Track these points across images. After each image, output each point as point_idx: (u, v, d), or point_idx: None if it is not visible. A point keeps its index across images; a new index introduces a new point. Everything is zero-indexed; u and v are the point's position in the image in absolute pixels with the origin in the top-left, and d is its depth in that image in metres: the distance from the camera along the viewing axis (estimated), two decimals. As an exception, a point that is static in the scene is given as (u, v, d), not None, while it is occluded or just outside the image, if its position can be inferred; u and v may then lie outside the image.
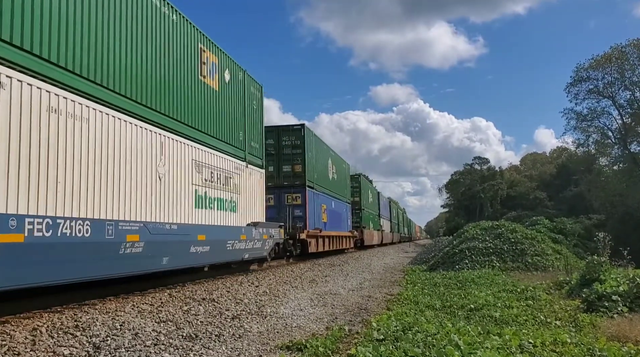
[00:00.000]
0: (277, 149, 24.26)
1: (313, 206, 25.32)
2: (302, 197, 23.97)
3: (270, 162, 23.51)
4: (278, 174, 24.05)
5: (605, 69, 53.70)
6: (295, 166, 24.33)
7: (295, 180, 24.17)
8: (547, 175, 78.33)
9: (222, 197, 14.16)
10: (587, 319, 10.31)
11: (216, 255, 13.33)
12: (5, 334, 6.28)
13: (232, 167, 15.10)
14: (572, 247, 34.27)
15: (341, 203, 33.81)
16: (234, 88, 15.72)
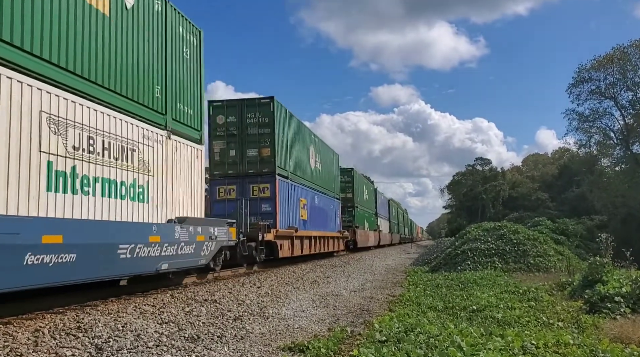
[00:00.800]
0: (240, 129, 19.78)
1: (286, 200, 21.07)
2: (272, 188, 19.50)
3: (232, 144, 19.70)
4: (241, 160, 19.61)
5: (607, 69, 53.64)
6: (262, 150, 19.71)
7: (263, 167, 19.68)
8: (549, 176, 78.23)
9: (116, 178, 9.53)
10: (590, 321, 10.29)
11: (93, 268, 8.42)
12: (7, 335, 6.28)
13: (136, 134, 10.39)
14: (574, 248, 34.23)
15: (327, 199, 29.10)
16: (144, 20, 10.88)
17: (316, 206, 26.08)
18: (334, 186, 31.66)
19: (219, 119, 19.94)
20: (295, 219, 22.05)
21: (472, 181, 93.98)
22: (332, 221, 30.28)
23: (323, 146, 29.24)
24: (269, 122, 19.85)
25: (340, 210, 33.01)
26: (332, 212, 30.13)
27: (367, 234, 42.63)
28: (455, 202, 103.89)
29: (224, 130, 19.89)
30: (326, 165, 29.33)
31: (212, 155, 19.69)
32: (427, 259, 32.08)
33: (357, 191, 40.10)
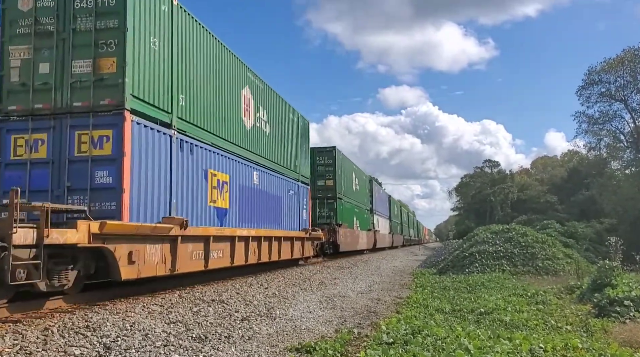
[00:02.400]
0: None
1: (161, 166, 10.74)
2: (116, 138, 9.61)
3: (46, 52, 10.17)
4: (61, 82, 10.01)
5: (618, 72, 53.32)
6: (102, 62, 9.86)
7: (102, 95, 9.83)
8: (558, 178, 77.73)
9: None
10: (599, 324, 10.24)
11: None
12: (17, 334, 6.33)
13: None
14: (583, 252, 33.99)
15: (284, 181, 19.23)
16: None
17: (256, 189, 16.09)
18: (298, 164, 21.21)
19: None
20: (194, 206, 12.10)
21: (480, 183, 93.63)
22: (292, 215, 19.97)
23: (276, 99, 18.68)
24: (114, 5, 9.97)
25: (309, 200, 22.90)
26: (292, 202, 19.98)
27: (356, 234, 33.28)
28: (463, 205, 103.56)
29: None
30: (282, 130, 19.30)
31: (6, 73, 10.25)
32: (434, 261, 32.00)
33: (341, 178, 30.00)
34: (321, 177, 28.32)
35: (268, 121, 17.72)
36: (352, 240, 31.37)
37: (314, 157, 27.22)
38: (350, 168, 34.00)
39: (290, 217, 19.63)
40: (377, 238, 41.88)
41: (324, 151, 28.99)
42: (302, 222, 21.34)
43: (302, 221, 21.21)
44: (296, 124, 21.49)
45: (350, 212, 32.60)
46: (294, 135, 21.09)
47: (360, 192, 37.30)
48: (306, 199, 22.31)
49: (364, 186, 40.14)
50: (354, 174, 35.68)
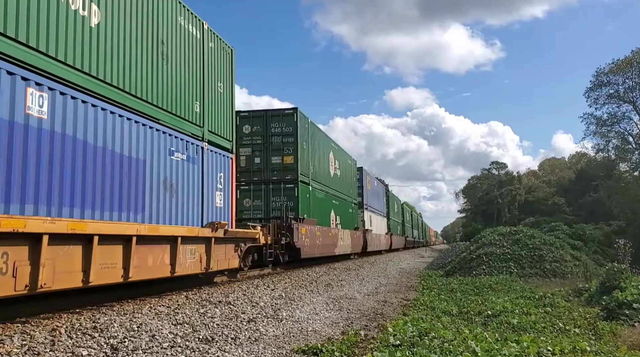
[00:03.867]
0: None
1: None
2: None
3: None
4: None
5: (626, 73, 53.05)
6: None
7: None
8: (566, 180, 77.43)
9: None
10: (607, 327, 10.17)
11: None
12: (25, 334, 6.37)
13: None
14: (591, 254, 33.83)
15: (157, 134, 10.31)
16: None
17: (45, 133, 7.23)
18: (201, 111, 12.35)
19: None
20: None
21: (487, 185, 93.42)
22: (184, 198, 11.21)
23: None
24: None
25: (232, 176, 13.90)
26: (183, 175, 11.31)
27: (333, 234, 24.64)
28: (470, 206, 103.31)
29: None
30: (153, 38, 10.33)
31: None
32: (441, 263, 31.93)
33: (308, 154, 21.95)
34: (276, 152, 20.35)
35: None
36: (324, 241, 22.63)
37: (267, 123, 20.39)
38: (325, 144, 25.22)
39: (176, 202, 10.84)
40: (368, 239, 33.46)
41: (280, 115, 20.62)
42: (212, 212, 12.37)
43: (211, 211, 12.29)
44: (193, 34, 12.00)
45: (325, 205, 24.27)
46: (187, 51, 11.59)
47: (342, 179, 28.66)
48: (224, 175, 13.20)
49: (349, 172, 31.05)
50: (332, 155, 26.63)
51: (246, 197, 20.37)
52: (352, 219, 30.76)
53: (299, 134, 20.57)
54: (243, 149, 20.31)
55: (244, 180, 20.20)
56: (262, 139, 20.44)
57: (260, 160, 20.52)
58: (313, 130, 23.12)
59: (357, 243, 30.70)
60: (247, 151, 20.46)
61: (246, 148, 20.45)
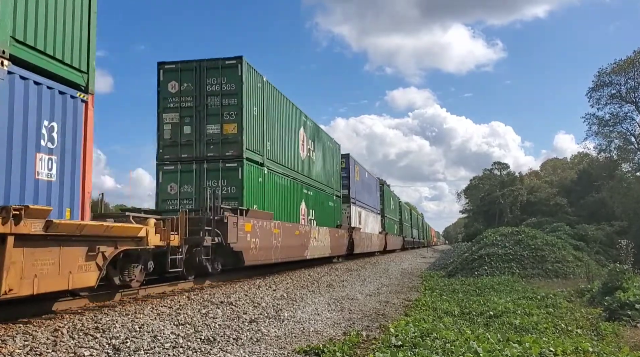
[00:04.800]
0: None
1: None
2: None
3: None
4: None
5: (628, 73, 52.89)
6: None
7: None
8: (568, 181, 77.26)
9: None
10: (610, 328, 10.16)
11: None
12: (27, 335, 6.38)
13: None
14: (593, 255, 33.77)
15: None
16: None
17: None
18: None
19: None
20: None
21: (489, 186, 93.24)
22: None
23: None
24: None
25: (85, 121, 8.50)
26: None
27: (302, 232, 19.70)
28: (472, 207, 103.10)
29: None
30: None
31: None
32: (443, 264, 31.90)
33: (259, 123, 16.76)
34: (213, 118, 15.37)
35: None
36: (287, 242, 17.63)
37: (201, 78, 15.54)
38: (291, 116, 20.11)
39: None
40: (355, 239, 28.70)
41: (219, 67, 15.56)
42: (29, 189, 7.25)
43: (25, 187, 7.15)
44: None
45: (290, 194, 19.52)
46: None
47: (319, 165, 23.80)
48: (62, 126, 8.00)
49: (330, 158, 26.13)
50: (304, 132, 21.61)
51: (171, 181, 15.24)
52: (333, 214, 25.73)
53: (245, 93, 15.47)
54: (168, 114, 15.43)
55: (168, 158, 15.35)
56: (194, 100, 15.39)
57: (191, 129, 15.27)
58: (270, 93, 17.68)
59: (340, 244, 25.75)
60: (173, 117, 15.38)
61: (172, 113, 15.45)
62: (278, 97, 18.65)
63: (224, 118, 15.28)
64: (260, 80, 16.85)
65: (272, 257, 16.26)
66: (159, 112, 15.44)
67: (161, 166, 15.36)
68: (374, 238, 36.65)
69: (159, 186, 15.29)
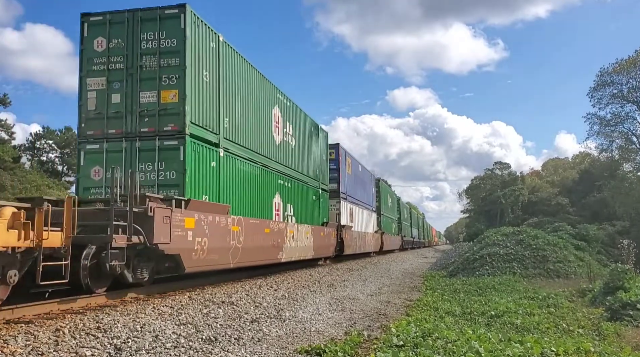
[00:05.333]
0: None
1: None
2: None
3: None
4: None
5: (630, 73, 52.87)
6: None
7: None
8: (570, 180, 77.23)
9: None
10: (611, 328, 10.15)
11: None
12: (29, 334, 6.39)
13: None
14: (595, 255, 33.72)
15: None
16: None
17: None
18: None
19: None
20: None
21: (490, 185, 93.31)
22: None
23: None
24: None
25: None
26: None
27: (274, 230, 16.47)
28: (473, 207, 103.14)
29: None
30: None
31: None
32: (444, 264, 31.89)
33: (210, 91, 13.35)
34: (148, 84, 12.21)
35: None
36: (253, 242, 14.37)
37: (134, 33, 12.41)
38: (261, 90, 16.71)
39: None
40: (345, 238, 26.19)
41: (156, 18, 12.41)
42: None
43: None
44: None
45: (260, 185, 16.02)
46: None
47: (300, 153, 20.55)
48: None
49: (315, 146, 22.98)
50: (279, 112, 18.26)
51: (96, 164, 12.03)
52: (318, 210, 22.69)
53: (190, 51, 12.15)
54: (93, 79, 12.25)
55: (92, 134, 12.15)
56: (126, 60, 12.23)
57: (121, 98, 12.06)
58: (229, 58, 14.33)
59: (326, 244, 22.88)
60: (98, 83, 12.23)
61: (97, 77, 12.24)
62: (242, 64, 15.15)
63: (162, 83, 11.98)
64: (215, 39, 13.41)
65: (229, 261, 12.94)
66: (82, 77, 12.35)
67: (83, 145, 12.27)
68: (369, 238, 33.94)
69: (81, 170, 12.29)
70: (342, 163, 27.89)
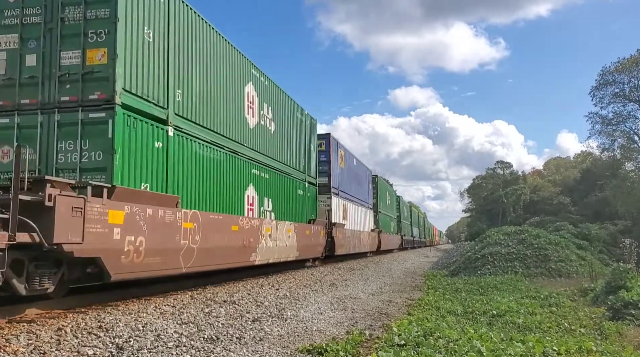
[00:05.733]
0: None
1: None
2: None
3: None
4: None
5: (632, 72, 52.80)
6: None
7: None
8: (571, 180, 77.17)
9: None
10: (613, 327, 10.14)
11: None
12: (31, 334, 6.40)
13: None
14: (597, 254, 33.67)
15: None
16: None
17: None
18: None
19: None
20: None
21: (492, 185, 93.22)
22: None
23: None
24: None
25: None
26: None
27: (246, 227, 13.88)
28: (475, 206, 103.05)
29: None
30: None
31: None
32: (446, 263, 31.88)
33: (154, 51, 10.48)
34: (71, 40, 9.64)
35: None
36: (212, 241, 11.86)
37: None
38: (232, 63, 14.20)
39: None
40: (336, 237, 23.98)
41: None
42: None
43: None
44: None
45: (228, 174, 13.58)
46: None
47: (282, 140, 18.02)
48: None
49: (301, 133, 20.57)
50: (254, 90, 15.59)
51: (4, 143, 9.46)
52: (304, 206, 20.28)
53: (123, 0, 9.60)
54: (2, 37, 9.76)
55: (1, 105, 9.65)
56: (44, 12, 9.75)
57: (37, 60, 9.64)
58: (183, 16, 11.68)
59: (314, 243, 20.66)
60: (9, 41, 9.80)
61: (8, 34, 9.77)
62: (202, 27, 12.55)
63: (88, 40, 9.44)
64: None
65: (179, 266, 10.40)
66: None
67: None
68: (364, 236, 31.63)
69: None
70: (334, 155, 25.48)
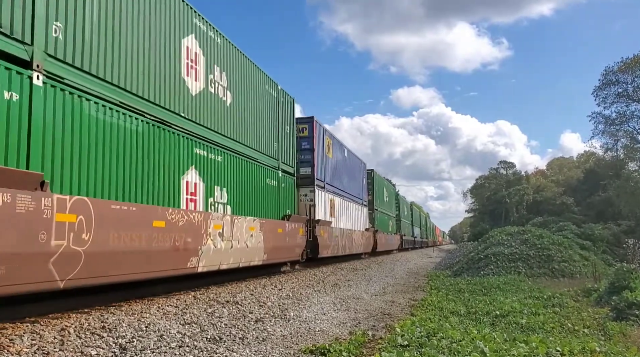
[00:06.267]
0: None
1: None
2: None
3: None
4: None
5: (635, 72, 52.65)
6: None
7: None
8: (574, 180, 77.01)
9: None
10: (617, 328, 10.12)
11: None
12: (35, 334, 6.41)
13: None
14: (600, 254, 33.59)
15: None
16: None
17: None
18: None
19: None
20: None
21: (495, 185, 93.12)
22: None
23: None
24: None
25: None
26: None
27: (181, 223, 10.36)
28: (478, 206, 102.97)
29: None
30: None
31: None
32: (449, 264, 31.84)
33: None
34: None
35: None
36: (115, 243, 8.37)
37: None
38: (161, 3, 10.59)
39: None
40: (320, 237, 20.97)
41: None
42: None
43: None
44: None
45: (152, 151, 10.03)
46: None
47: (242, 116, 14.67)
48: None
49: (272, 111, 17.17)
50: (196, 43, 12.00)
51: None
52: (276, 198, 17.11)
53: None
54: None
55: None
56: None
57: None
58: None
59: (290, 244, 17.58)
60: None
61: None
62: None
63: None
64: None
65: (47, 277, 7.02)
66: None
67: None
68: (356, 236, 28.29)
69: None
70: (319, 143, 21.90)
